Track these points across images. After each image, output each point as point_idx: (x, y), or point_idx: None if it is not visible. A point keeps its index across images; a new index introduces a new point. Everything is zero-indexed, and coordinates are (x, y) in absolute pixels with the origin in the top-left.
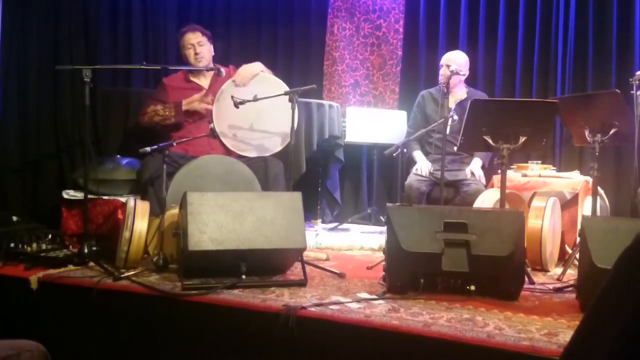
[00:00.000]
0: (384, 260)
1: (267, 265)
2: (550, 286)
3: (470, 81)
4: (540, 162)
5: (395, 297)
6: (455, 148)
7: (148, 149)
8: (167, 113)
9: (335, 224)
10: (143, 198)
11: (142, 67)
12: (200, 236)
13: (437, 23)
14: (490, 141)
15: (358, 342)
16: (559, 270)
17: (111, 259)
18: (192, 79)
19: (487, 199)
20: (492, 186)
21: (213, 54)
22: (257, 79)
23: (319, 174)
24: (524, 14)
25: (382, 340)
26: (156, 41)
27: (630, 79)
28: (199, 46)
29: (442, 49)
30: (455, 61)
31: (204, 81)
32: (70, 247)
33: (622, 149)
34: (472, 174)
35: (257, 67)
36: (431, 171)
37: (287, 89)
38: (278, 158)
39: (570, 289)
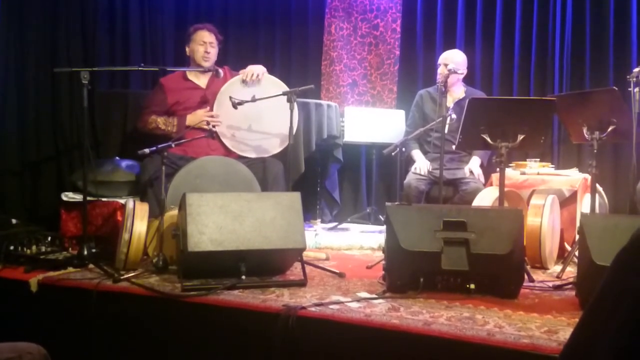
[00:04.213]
0: (384, 259)
1: (267, 265)
2: (550, 284)
3: (468, 80)
4: (538, 160)
5: (395, 296)
6: (454, 147)
7: (147, 150)
8: (168, 129)
9: (335, 223)
10: (142, 199)
11: (140, 68)
12: (199, 237)
13: (434, 22)
14: (488, 139)
15: (358, 341)
16: (558, 268)
17: (111, 260)
18: (190, 77)
19: (486, 198)
20: (491, 184)
21: (216, 59)
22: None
23: (318, 174)
24: (521, 12)
25: (382, 339)
26: (154, 43)
27: (628, 76)
28: (211, 47)
29: (440, 48)
30: (453, 60)
31: (202, 80)
32: (70, 249)
33: (620, 146)
34: (471, 172)
35: (261, 67)
36: (430, 170)
37: (286, 89)
38: (277, 158)
39: (570, 286)
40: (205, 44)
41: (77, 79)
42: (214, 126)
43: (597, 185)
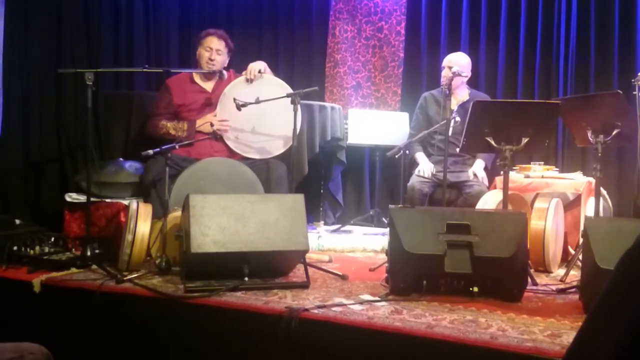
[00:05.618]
0: (387, 262)
1: (270, 267)
2: (553, 287)
3: (472, 83)
4: (542, 163)
5: (398, 299)
6: (458, 149)
7: (151, 151)
8: (178, 134)
9: (338, 225)
10: (146, 201)
11: (144, 69)
12: (202, 238)
13: (438, 25)
14: (492, 142)
15: (361, 344)
16: (561, 272)
17: (114, 261)
18: (196, 80)
19: (490, 201)
20: (495, 187)
21: (225, 65)
22: (260, 81)
23: (321, 176)
24: (526, 15)
25: (385, 342)
26: (158, 44)
27: (633, 80)
28: (217, 54)
29: (444, 50)
30: (457, 63)
31: (209, 84)
32: (73, 250)
33: (624, 150)
34: (475, 175)
35: (261, 63)
36: (433, 173)
37: (290, 90)
38: (281, 160)
39: (573, 290)
40: (211, 50)
41: (81, 80)
42: (221, 131)
43: (601, 189)
